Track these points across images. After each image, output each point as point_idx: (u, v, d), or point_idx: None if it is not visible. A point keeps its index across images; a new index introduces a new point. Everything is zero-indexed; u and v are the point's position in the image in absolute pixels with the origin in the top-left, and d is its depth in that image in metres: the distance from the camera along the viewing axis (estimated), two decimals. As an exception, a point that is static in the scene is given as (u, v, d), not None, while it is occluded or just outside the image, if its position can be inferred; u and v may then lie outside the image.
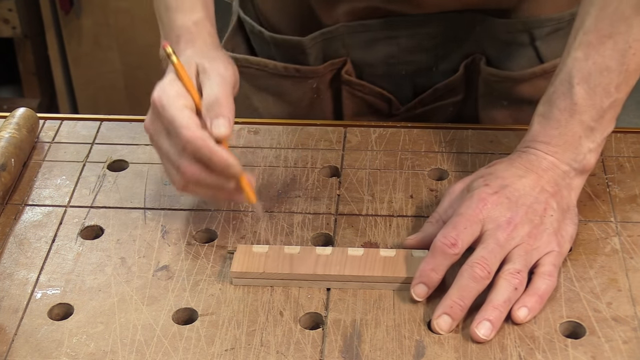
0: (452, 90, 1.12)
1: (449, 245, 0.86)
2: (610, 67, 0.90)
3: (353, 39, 1.10)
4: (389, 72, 1.12)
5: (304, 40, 1.10)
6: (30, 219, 0.98)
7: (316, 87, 1.13)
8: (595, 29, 0.90)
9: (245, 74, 1.14)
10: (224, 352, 0.83)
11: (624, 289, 0.87)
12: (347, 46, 1.10)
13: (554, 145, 0.91)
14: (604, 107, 0.90)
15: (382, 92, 1.13)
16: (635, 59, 0.89)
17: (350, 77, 1.11)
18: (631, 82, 0.91)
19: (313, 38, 1.10)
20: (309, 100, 1.14)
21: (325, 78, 1.12)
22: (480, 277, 0.84)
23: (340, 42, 1.10)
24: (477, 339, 0.82)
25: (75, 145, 1.09)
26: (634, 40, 0.89)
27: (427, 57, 1.11)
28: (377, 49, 1.10)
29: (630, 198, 0.98)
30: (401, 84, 1.13)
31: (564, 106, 0.91)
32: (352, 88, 1.12)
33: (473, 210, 0.88)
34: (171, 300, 0.88)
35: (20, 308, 0.87)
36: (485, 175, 0.91)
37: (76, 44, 2.52)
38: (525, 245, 0.87)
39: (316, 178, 1.02)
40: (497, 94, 1.13)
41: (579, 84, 0.90)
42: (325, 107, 1.15)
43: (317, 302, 0.87)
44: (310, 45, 1.11)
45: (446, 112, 1.14)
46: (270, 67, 1.13)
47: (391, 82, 1.13)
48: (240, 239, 0.95)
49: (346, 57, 1.11)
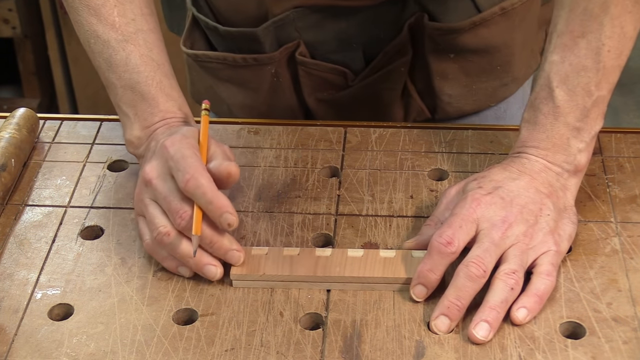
0: (399, 52, 1.14)
1: (444, 244, 0.86)
2: (586, 67, 0.90)
3: (303, 22, 1.12)
4: (340, 47, 1.14)
5: (257, 30, 1.13)
6: (30, 219, 0.98)
7: (275, 72, 1.15)
8: (567, 31, 0.91)
9: (208, 68, 1.18)
10: (224, 352, 0.83)
11: (624, 290, 0.87)
12: (298, 29, 1.12)
13: (543, 148, 0.92)
14: (587, 106, 0.91)
15: (336, 67, 1.15)
16: (610, 56, 0.90)
17: (304, 58, 1.14)
18: (611, 79, 0.92)
19: (266, 27, 1.12)
20: (270, 84, 1.17)
21: (282, 62, 1.14)
22: (476, 276, 0.84)
23: (292, 26, 1.12)
24: (475, 341, 0.82)
25: (76, 145, 1.09)
26: (607, 37, 0.90)
27: (374, 27, 1.13)
28: (327, 28, 1.13)
29: (630, 198, 0.98)
30: (353, 56, 1.15)
31: (547, 110, 0.92)
32: (308, 67, 1.15)
33: (467, 210, 0.88)
34: (171, 300, 0.88)
35: (21, 308, 0.87)
36: (478, 179, 0.92)
37: (76, 44, 2.52)
38: (521, 245, 0.87)
39: (316, 178, 1.02)
40: (443, 47, 1.14)
41: (558, 87, 0.91)
42: (285, 89, 1.17)
43: (317, 302, 0.87)
44: (264, 34, 1.13)
45: (399, 73, 1.15)
46: (229, 59, 1.16)
47: (343, 55, 1.15)
48: (240, 239, 0.95)
49: (299, 40, 1.13)
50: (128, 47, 0.97)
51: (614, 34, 0.90)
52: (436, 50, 1.14)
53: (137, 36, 0.98)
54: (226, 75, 1.18)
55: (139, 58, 0.97)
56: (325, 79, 1.16)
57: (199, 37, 1.19)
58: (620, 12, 0.89)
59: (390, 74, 1.15)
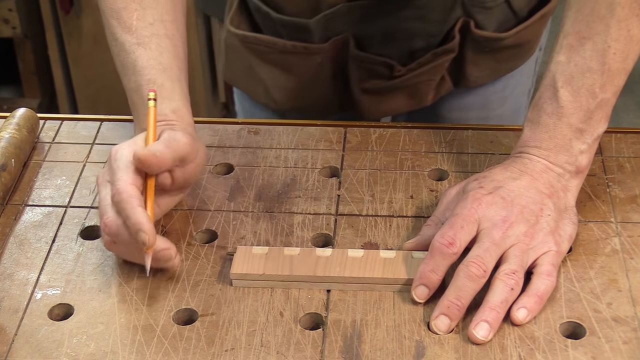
0: (447, 52, 1.19)
1: (446, 244, 0.86)
2: (592, 68, 0.90)
3: (353, 16, 1.15)
4: (386, 41, 1.17)
5: (310, 22, 1.16)
6: (30, 220, 0.98)
7: (321, 61, 1.19)
8: (574, 31, 0.91)
9: (254, 50, 1.21)
10: (224, 352, 0.83)
11: (624, 290, 0.87)
12: (347, 23, 1.15)
13: (545, 149, 0.92)
14: (590, 108, 0.91)
15: (385, 61, 1.19)
16: (616, 59, 0.90)
17: (357, 51, 1.17)
18: (616, 81, 0.92)
19: (317, 20, 1.15)
20: (314, 72, 1.20)
21: (329, 53, 1.18)
22: (476, 275, 0.84)
23: (341, 20, 1.15)
24: (475, 341, 0.82)
25: (76, 145, 1.09)
26: (613, 39, 0.90)
27: (419, 24, 1.16)
28: (375, 23, 1.16)
29: (630, 198, 0.98)
30: (398, 50, 1.19)
31: (550, 110, 0.92)
32: (359, 60, 1.18)
33: (468, 210, 0.88)
34: (171, 300, 0.88)
35: (21, 308, 0.87)
36: (479, 179, 0.92)
37: (76, 44, 2.52)
38: (521, 245, 0.87)
39: (316, 178, 1.02)
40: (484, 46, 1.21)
41: (563, 87, 0.91)
42: (328, 77, 1.20)
43: (317, 302, 0.87)
44: (315, 26, 1.16)
45: (442, 67, 1.21)
46: (279, 45, 1.19)
47: (389, 49, 1.18)
48: (240, 239, 0.95)
49: (347, 33, 1.16)
50: (138, 51, 0.98)
51: (620, 36, 0.90)
52: (476, 48, 1.19)
53: (150, 40, 0.98)
54: (272, 58, 1.20)
55: (145, 61, 0.97)
56: (371, 70, 1.19)
57: (245, 18, 1.22)
58: (627, 15, 0.89)
59: (434, 68, 1.20)
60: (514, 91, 1.29)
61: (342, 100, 1.23)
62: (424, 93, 1.22)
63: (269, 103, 1.26)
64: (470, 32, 1.18)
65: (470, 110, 1.29)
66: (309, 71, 1.20)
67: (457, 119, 1.29)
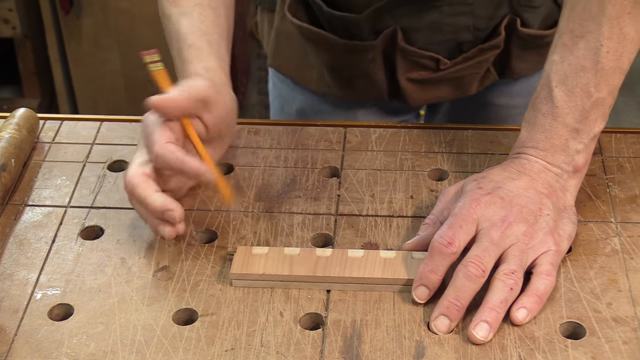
0: (493, 47, 1.20)
1: (445, 244, 0.86)
2: (585, 67, 0.90)
3: (400, 10, 1.16)
4: (434, 34, 1.19)
5: (359, 17, 1.18)
6: (30, 220, 0.98)
7: (372, 57, 1.21)
8: (567, 30, 0.92)
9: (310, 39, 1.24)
10: (224, 352, 0.83)
11: (624, 290, 0.87)
12: (395, 17, 1.17)
13: (542, 149, 0.92)
14: (586, 107, 0.91)
15: (432, 55, 1.20)
16: (610, 57, 0.90)
17: (406, 45, 1.19)
18: (611, 80, 0.91)
19: (367, 15, 1.17)
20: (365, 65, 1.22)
21: (379, 47, 1.20)
22: (474, 275, 0.84)
23: (389, 14, 1.17)
24: (475, 341, 0.82)
25: (76, 145, 1.09)
26: (605, 38, 0.90)
27: (466, 19, 1.18)
28: (422, 17, 1.17)
29: (630, 198, 0.98)
30: (445, 44, 1.20)
31: (546, 110, 0.92)
32: (406, 54, 1.20)
33: (467, 210, 0.88)
34: (171, 300, 0.88)
35: (21, 308, 0.87)
36: (478, 179, 0.92)
37: (76, 44, 2.52)
38: (521, 245, 0.87)
39: (316, 178, 1.02)
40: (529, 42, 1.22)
41: (557, 87, 0.91)
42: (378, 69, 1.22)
43: (317, 302, 0.87)
44: (365, 20, 1.18)
45: (487, 61, 1.22)
46: (332, 40, 1.21)
47: (436, 43, 1.20)
48: (240, 239, 0.95)
49: (395, 27, 1.18)
50: (182, 20, 1.02)
51: (613, 34, 0.90)
52: (521, 44, 1.20)
53: (193, 10, 1.03)
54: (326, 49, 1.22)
55: (187, 27, 1.01)
56: (419, 63, 1.20)
57: (302, 7, 1.24)
58: (619, 13, 0.89)
59: (479, 63, 1.21)
60: None
61: (390, 88, 1.25)
62: (468, 84, 1.24)
63: (323, 89, 1.28)
64: (516, 30, 1.19)
65: (516, 96, 1.30)
66: (360, 64, 1.22)
67: (505, 105, 1.31)
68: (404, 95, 1.24)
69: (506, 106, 1.31)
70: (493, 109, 1.31)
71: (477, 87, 1.26)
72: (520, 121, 0.96)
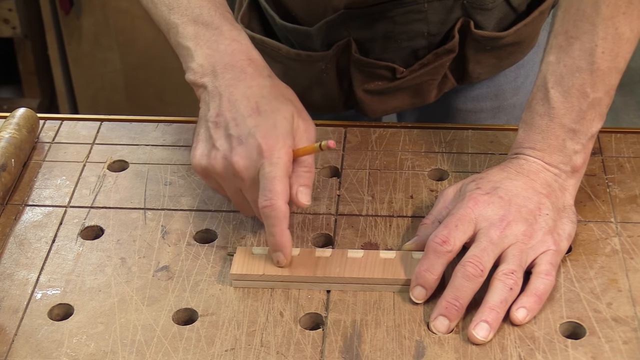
0: (448, 52, 1.19)
1: (439, 243, 0.86)
2: (581, 68, 0.90)
3: (353, 23, 1.15)
4: (387, 44, 1.17)
5: (311, 30, 1.16)
6: (30, 219, 0.98)
7: (325, 67, 1.19)
8: (562, 31, 0.91)
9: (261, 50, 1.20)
10: (224, 352, 0.83)
11: (624, 290, 0.87)
12: (348, 28, 1.16)
13: (539, 149, 0.92)
14: (582, 108, 0.91)
15: (388, 64, 1.19)
16: (605, 58, 0.90)
17: (360, 57, 1.18)
18: (608, 80, 0.91)
19: (319, 27, 1.16)
20: (318, 76, 1.21)
21: (332, 58, 1.18)
22: (473, 275, 0.84)
23: (342, 26, 1.15)
24: (475, 341, 0.82)
25: (76, 145, 1.09)
26: (600, 38, 0.90)
27: (420, 25, 1.16)
28: (376, 28, 1.15)
29: (630, 198, 0.98)
30: (399, 52, 1.19)
31: (542, 111, 0.92)
32: (360, 64, 1.18)
33: (464, 209, 0.88)
34: (171, 300, 0.88)
35: (21, 308, 0.87)
36: (476, 180, 0.92)
37: (76, 44, 2.52)
38: (520, 244, 0.87)
39: (316, 178, 1.02)
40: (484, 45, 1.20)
41: (553, 88, 0.91)
42: (332, 81, 1.21)
43: (317, 302, 0.87)
44: (317, 33, 1.16)
45: (443, 67, 1.21)
46: (283, 51, 1.20)
47: (390, 52, 1.18)
48: (240, 239, 0.95)
49: (349, 38, 1.16)
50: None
51: (608, 35, 0.89)
52: (476, 47, 1.19)
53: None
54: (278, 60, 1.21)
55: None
56: (375, 74, 1.19)
57: (255, 16, 1.23)
58: (613, 13, 0.89)
59: (435, 68, 1.20)
60: (525, 81, 1.29)
61: (346, 99, 1.24)
62: (426, 92, 1.23)
63: None
64: (470, 32, 1.18)
65: (483, 100, 1.29)
66: (313, 75, 1.21)
67: (472, 109, 1.30)
68: (361, 107, 1.22)
69: (473, 111, 1.29)
70: (460, 115, 1.30)
71: (437, 95, 1.24)
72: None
